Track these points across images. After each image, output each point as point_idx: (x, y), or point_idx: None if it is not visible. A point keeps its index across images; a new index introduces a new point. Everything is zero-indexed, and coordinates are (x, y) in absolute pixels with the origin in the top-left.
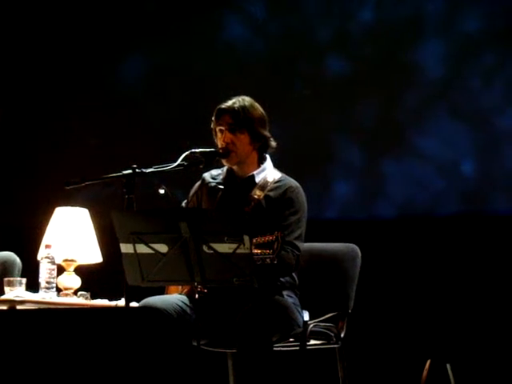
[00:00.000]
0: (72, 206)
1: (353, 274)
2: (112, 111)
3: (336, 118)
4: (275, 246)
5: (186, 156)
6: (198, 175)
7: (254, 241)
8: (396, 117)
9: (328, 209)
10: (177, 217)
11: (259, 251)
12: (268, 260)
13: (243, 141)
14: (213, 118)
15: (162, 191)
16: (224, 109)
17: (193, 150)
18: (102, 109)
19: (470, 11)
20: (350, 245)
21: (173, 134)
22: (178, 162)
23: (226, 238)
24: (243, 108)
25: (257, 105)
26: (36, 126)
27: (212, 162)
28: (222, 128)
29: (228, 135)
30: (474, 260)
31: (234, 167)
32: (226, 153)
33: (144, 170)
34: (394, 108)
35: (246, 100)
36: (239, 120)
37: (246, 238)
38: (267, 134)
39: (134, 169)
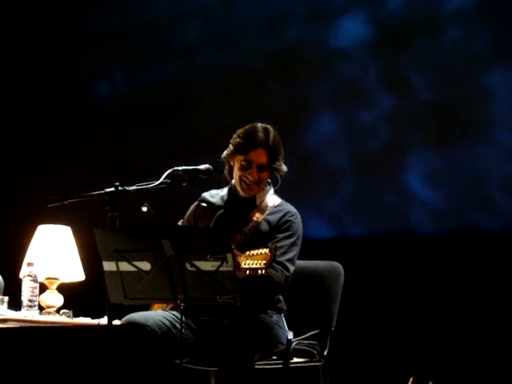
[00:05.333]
0: (54, 223)
1: (335, 291)
2: (93, 129)
3: None
4: (269, 257)
5: (169, 174)
6: (181, 193)
7: (248, 253)
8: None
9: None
10: (160, 234)
11: (251, 261)
12: (260, 271)
13: (266, 176)
14: (240, 146)
15: (144, 209)
16: (260, 143)
17: (175, 168)
18: (83, 127)
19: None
20: (333, 263)
21: (154, 152)
22: (161, 179)
23: (209, 256)
24: (275, 147)
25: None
26: (17, 144)
27: (195, 179)
28: (253, 163)
29: (256, 174)
30: (457, 278)
31: (238, 187)
32: (211, 172)
33: (127, 188)
34: None
35: (276, 136)
36: (272, 160)
37: (230, 256)
38: (285, 168)
39: (116, 186)
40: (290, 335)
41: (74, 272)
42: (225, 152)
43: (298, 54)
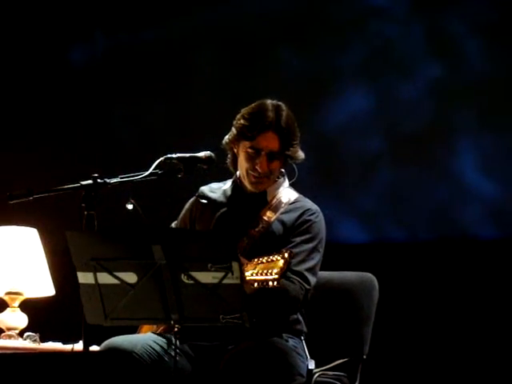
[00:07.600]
0: (17, 225)
1: (368, 309)
2: (66, 105)
3: None
4: (282, 265)
5: (161, 163)
6: (176, 187)
7: (256, 260)
8: None
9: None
10: (149, 238)
11: (260, 271)
12: (271, 283)
13: (277, 166)
14: (245, 130)
15: (130, 206)
16: (270, 125)
17: (168, 156)
18: (53, 101)
19: None
20: (365, 274)
21: (141, 136)
22: (151, 170)
23: (209, 265)
24: (288, 129)
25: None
26: None
27: (193, 170)
28: (261, 150)
29: (266, 163)
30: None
31: (245, 181)
32: (212, 161)
33: (107, 180)
34: None
35: (289, 115)
36: (284, 145)
37: (235, 265)
38: (301, 154)
39: (94, 178)
40: (312, 364)
41: (42, 285)
42: (227, 137)
43: (319, 11)
